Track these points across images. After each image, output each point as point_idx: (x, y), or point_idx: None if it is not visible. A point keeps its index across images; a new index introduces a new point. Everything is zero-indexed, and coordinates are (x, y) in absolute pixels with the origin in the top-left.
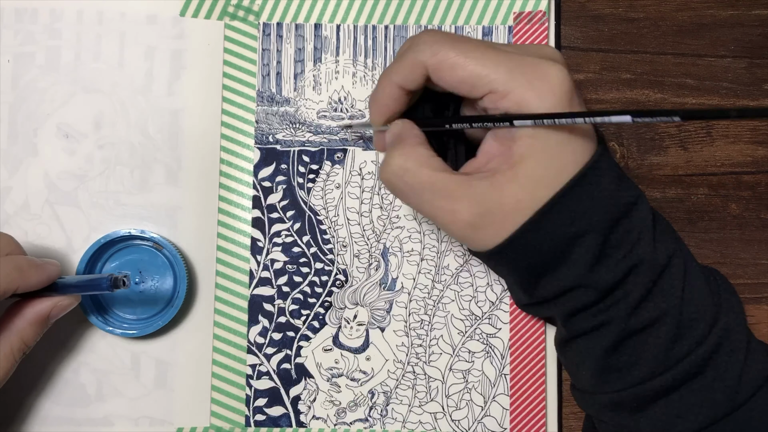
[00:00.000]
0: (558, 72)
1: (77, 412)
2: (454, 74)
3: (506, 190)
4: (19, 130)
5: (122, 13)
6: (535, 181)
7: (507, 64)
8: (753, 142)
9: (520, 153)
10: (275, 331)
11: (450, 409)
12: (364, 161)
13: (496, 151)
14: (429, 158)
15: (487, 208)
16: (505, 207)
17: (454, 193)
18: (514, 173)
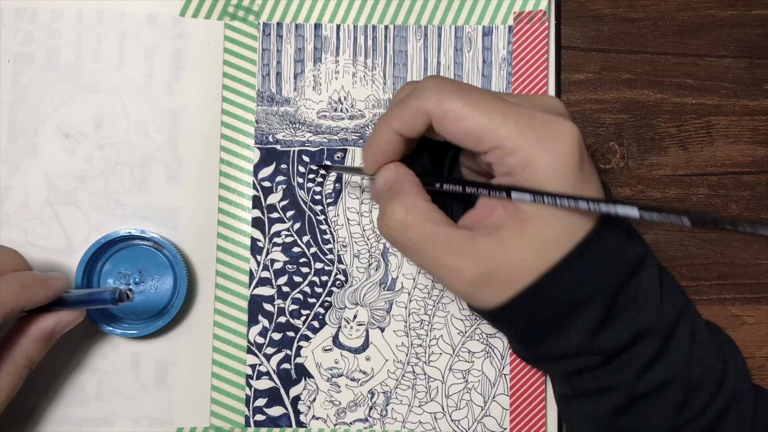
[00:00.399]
0: (569, 131)
1: (77, 412)
2: (459, 125)
3: (512, 248)
4: (19, 130)
5: (122, 13)
6: (543, 241)
7: (517, 119)
8: (753, 142)
9: (527, 211)
10: (275, 331)
11: (450, 409)
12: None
13: (499, 205)
14: (430, 211)
15: (491, 266)
16: (511, 266)
17: (457, 250)
18: (520, 231)
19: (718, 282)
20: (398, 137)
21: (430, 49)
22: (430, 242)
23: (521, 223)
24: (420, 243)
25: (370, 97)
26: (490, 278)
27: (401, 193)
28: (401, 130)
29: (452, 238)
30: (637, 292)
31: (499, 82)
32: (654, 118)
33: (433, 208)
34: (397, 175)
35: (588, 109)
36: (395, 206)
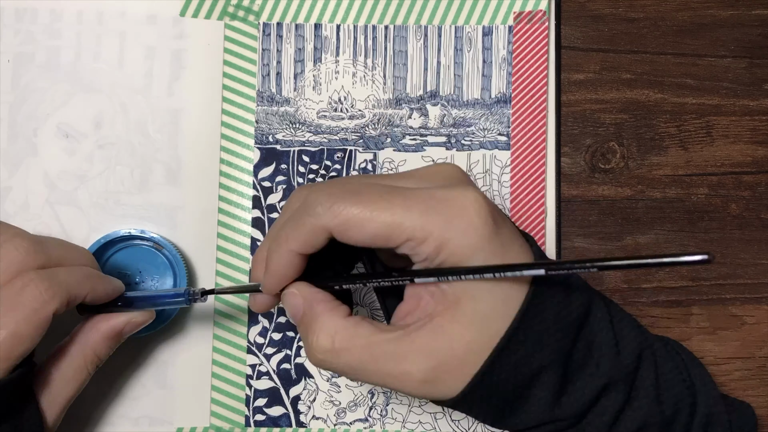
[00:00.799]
0: (473, 202)
1: (76, 412)
2: (364, 231)
3: (453, 334)
4: (19, 130)
5: (122, 13)
6: (482, 317)
7: (418, 207)
8: (753, 142)
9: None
10: (275, 331)
11: (450, 409)
12: (364, 161)
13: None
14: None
15: (438, 360)
16: (457, 353)
17: (397, 355)
18: (454, 314)
19: (718, 282)
20: (298, 256)
21: (430, 49)
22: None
23: (453, 306)
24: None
25: (370, 97)
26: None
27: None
28: (300, 250)
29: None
30: (590, 346)
31: (499, 82)
32: (654, 118)
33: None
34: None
35: (588, 109)
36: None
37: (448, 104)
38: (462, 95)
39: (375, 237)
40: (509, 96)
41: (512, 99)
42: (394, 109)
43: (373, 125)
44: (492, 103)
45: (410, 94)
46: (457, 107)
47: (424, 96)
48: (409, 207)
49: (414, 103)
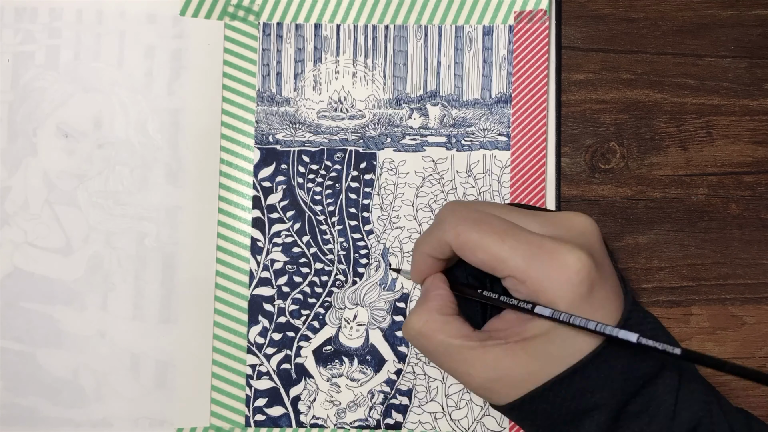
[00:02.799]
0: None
1: (76, 413)
2: (475, 256)
3: (519, 360)
4: (19, 130)
5: (122, 13)
6: (547, 356)
7: (524, 251)
8: (753, 142)
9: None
10: (275, 331)
11: (450, 409)
12: (364, 161)
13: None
14: (443, 323)
15: (498, 374)
16: (516, 375)
17: (467, 359)
18: (524, 346)
19: (718, 282)
20: (432, 258)
21: (431, 49)
22: (442, 351)
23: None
24: (433, 351)
25: (370, 97)
26: (497, 385)
27: (425, 304)
28: (432, 254)
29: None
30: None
31: (499, 82)
32: (654, 118)
33: (447, 321)
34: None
35: (588, 109)
36: (415, 316)
37: (448, 104)
38: (462, 95)
39: (483, 263)
40: (509, 96)
41: (512, 99)
42: (394, 109)
43: (373, 125)
44: (492, 103)
45: (410, 94)
46: (457, 107)
47: (424, 96)
48: (516, 249)
49: (414, 103)
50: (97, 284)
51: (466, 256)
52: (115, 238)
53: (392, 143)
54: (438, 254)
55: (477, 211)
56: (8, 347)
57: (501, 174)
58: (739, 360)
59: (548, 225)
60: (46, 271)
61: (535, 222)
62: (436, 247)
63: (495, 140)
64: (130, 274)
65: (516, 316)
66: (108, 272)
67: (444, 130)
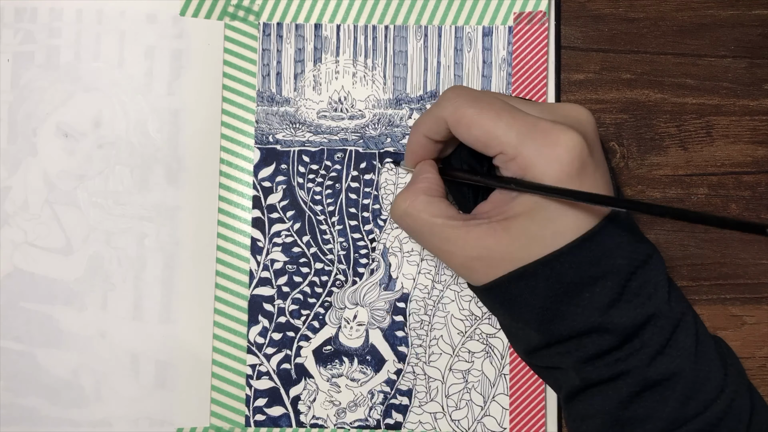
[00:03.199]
0: (568, 140)
1: (76, 413)
2: (469, 132)
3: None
4: (19, 130)
5: (122, 12)
6: (529, 237)
7: (519, 128)
8: (753, 142)
9: (517, 210)
10: (275, 331)
11: (450, 409)
12: (364, 161)
13: (500, 203)
14: (428, 204)
15: (479, 253)
16: (495, 254)
17: (449, 237)
18: (506, 225)
19: (718, 282)
20: (426, 139)
21: (430, 50)
22: (427, 230)
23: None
24: (418, 230)
25: (370, 97)
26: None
27: (412, 186)
28: (427, 134)
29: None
30: (646, 283)
31: (499, 83)
32: (654, 118)
33: (431, 201)
34: (419, 171)
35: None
36: (401, 197)
37: None
38: None
39: (476, 140)
40: None
41: None
42: (394, 109)
43: (373, 125)
44: None
45: (410, 94)
46: None
47: (424, 96)
48: (511, 125)
49: (414, 103)
50: (97, 284)
51: (461, 132)
52: (115, 238)
53: (392, 143)
54: (434, 134)
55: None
56: (8, 347)
57: None
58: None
59: (546, 111)
60: (46, 271)
61: (534, 108)
62: (432, 126)
63: None
64: (130, 274)
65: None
66: (108, 272)
67: None
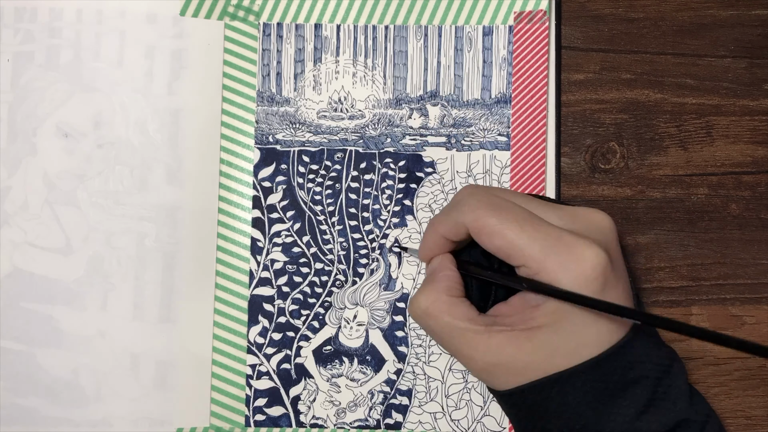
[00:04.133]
0: (592, 257)
1: (76, 413)
2: (491, 241)
3: (522, 348)
4: (19, 130)
5: (122, 12)
6: (552, 348)
7: (542, 241)
8: (753, 142)
9: (540, 320)
10: (275, 331)
11: (449, 409)
12: (364, 161)
13: (520, 309)
14: (450, 305)
15: (500, 360)
16: (518, 362)
17: (471, 342)
18: (529, 335)
19: (718, 282)
20: (444, 239)
21: (430, 49)
22: (447, 333)
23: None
24: (438, 331)
25: (370, 97)
26: (498, 369)
27: (432, 284)
28: (446, 235)
29: (467, 332)
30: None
31: (499, 82)
32: (654, 118)
33: (454, 302)
34: (437, 266)
35: (588, 109)
36: (422, 296)
37: (448, 104)
38: (462, 95)
39: (498, 250)
40: (509, 96)
41: (512, 99)
42: (394, 109)
43: (373, 125)
44: (492, 104)
45: (410, 94)
46: (457, 107)
47: (424, 96)
48: (534, 238)
49: (414, 103)
50: (97, 284)
51: (483, 241)
52: (115, 238)
53: (392, 143)
54: (452, 236)
55: (497, 196)
56: (8, 347)
57: (501, 174)
58: (738, 360)
59: (567, 218)
60: (46, 271)
61: (554, 214)
62: (451, 228)
63: (495, 140)
64: (130, 274)
65: (523, 302)
66: (108, 272)
67: (444, 130)
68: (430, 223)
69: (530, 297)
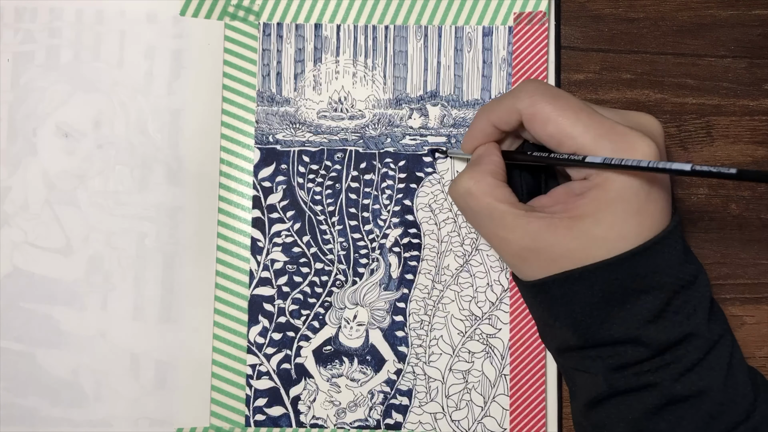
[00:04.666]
0: (645, 147)
1: (76, 413)
2: (544, 128)
3: (560, 236)
4: (19, 130)
5: (122, 12)
6: (591, 238)
7: (596, 130)
8: (753, 142)
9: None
10: (275, 331)
11: (450, 410)
12: (364, 161)
13: (563, 198)
14: (494, 187)
15: (537, 245)
16: (555, 250)
17: (508, 224)
18: (570, 224)
19: (718, 282)
20: (493, 128)
21: (430, 50)
22: (487, 214)
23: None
24: (478, 212)
25: (370, 97)
26: (533, 255)
27: (476, 166)
28: (496, 123)
29: (507, 214)
30: (688, 302)
31: (499, 83)
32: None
33: (498, 184)
34: (483, 152)
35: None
36: (466, 177)
37: (448, 104)
38: (462, 95)
39: (550, 137)
40: None
41: None
42: (394, 109)
43: (373, 125)
44: None
45: (410, 94)
46: (457, 107)
47: (424, 96)
48: (588, 126)
49: (414, 103)
50: (97, 284)
51: (536, 128)
52: (115, 238)
53: (392, 143)
54: (503, 124)
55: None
56: (8, 347)
57: None
58: None
59: (618, 117)
60: (46, 271)
61: (608, 112)
62: (503, 115)
63: None
64: (130, 274)
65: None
66: (108, 272)
67: (444, 130)
68: (480, 111)
69: (574, 186)
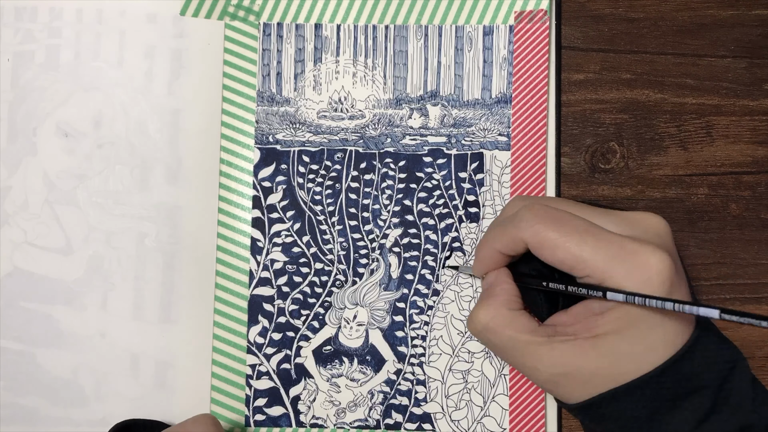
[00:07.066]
0: (657, 263)
1: (76, 412)
2: (553, 255)
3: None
4: (19, 129)
5: (122, 12)
6: (619, 355)
7: (606, 251)
8: (753, 142)
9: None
10: (275, 331)
11: (449, 410)
12: (364, 161)
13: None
14: (511, 319)
15: (566, 370)
16: (585, 371)
17: (534, 354)
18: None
19: (718, 282)
20: (500, 254)
21: (431, 49)
22: (510, 346)
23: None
24: (500, 346)
25: (370, 97)
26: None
27: (490, 299)
28: (502, 250)
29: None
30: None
31: (499, 82)
32: (654, 118)
33: (514, 316)
34: (494, 280)
35: (588, 109)
36: (482, 311)
37: (449, 104)
38: (462, 95)
39: (561, 262)
40: (509, 96)
41: (512, 99)
42: (394, 109)
43: (373, 125)
44: (492, 103)
45: (410, 94)
46: (457, 107)
47: (424, 96)
48: (597, 248)
49: (414, 103)
50: (97, 284)
51: (545, 255)
52: (115, 238)
53: (392, 143)
54: (509, 251)
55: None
56: (8, 347)
57: (501, 174)
58: None
59: (624, 225)
60: (45, 271)
61: (611, 221)
62: (508, 243)
63: (495, 140)
64: (130, 274)
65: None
66: (108, 272)
67: (444, 130)
68: (484, 238)
69: (593, 305)
